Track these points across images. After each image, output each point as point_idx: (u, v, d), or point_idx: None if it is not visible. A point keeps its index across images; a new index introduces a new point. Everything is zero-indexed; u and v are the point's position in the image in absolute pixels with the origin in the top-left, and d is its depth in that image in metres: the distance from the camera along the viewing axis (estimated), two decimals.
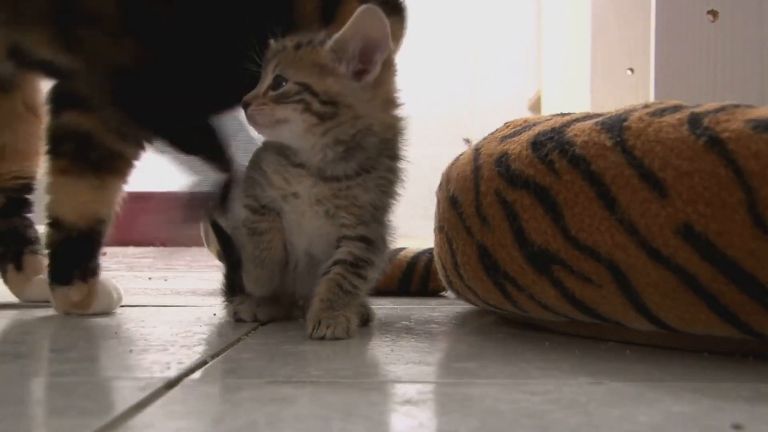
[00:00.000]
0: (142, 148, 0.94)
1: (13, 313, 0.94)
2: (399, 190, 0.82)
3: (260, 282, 0.82)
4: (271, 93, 0.77)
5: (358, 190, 0.78)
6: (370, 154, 0.78)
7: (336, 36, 0.77)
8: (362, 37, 0.76)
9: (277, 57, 0.78)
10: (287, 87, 0.77)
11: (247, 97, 0.77)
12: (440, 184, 0.93)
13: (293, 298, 0.86)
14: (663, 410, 0.50)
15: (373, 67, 0.77)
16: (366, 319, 0.84)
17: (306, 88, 0.76)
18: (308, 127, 0.76)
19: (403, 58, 0.87)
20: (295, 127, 0.77)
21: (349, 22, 0.76)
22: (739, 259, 0.62)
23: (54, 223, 0.92)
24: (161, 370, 0.60)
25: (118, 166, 0.94)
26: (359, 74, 0.77)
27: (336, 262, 0.79)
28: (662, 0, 1.36)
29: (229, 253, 0.91)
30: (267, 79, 0.78)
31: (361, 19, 0.75)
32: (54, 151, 0.93)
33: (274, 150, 0.80)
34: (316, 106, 0.76)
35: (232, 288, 0.89)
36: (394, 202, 0.82)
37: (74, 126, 0.91)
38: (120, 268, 1.66)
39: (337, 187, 0.78)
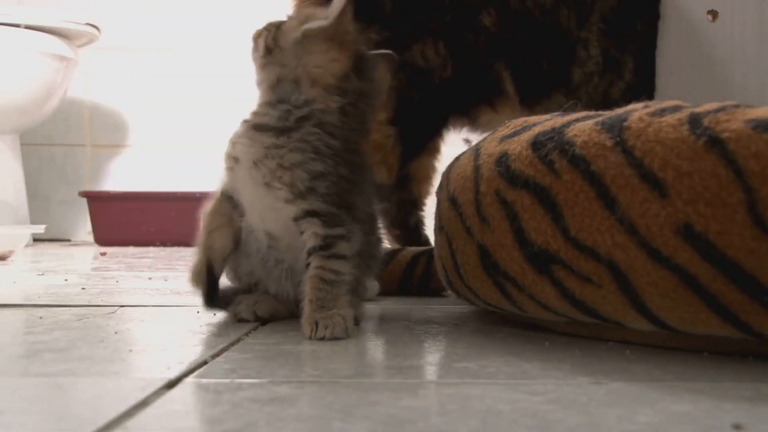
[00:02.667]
0: None
1: (12, 313, 0.94)
2: (335, 166, 0.80)
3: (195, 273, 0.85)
4: None
5: (284, 150, 0.79)
6: (294, 112, 0.81)
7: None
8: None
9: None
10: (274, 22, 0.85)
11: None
12: (440, 184, 0.93)
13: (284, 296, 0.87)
14: (663, 410, 0.50)
15: None
16: (357, 320, 0.84)
17: (277, 26, 0.84)
18: (259, 62, 0.84)
19: None
20: (258, 62, 0.84)
21: None
22: (739, 259, 0.62)
23: None
24: (161, 370, 0.60)
25: None
26: None
27: (309, 253, 0.79)
28: (663, 0, 1.36)
29: None
30: None
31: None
32: None
33: None
34: (269, 39, 0.83)
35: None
36: (335, 176, 0.80)
37: None
38: (120, 268, 1.66)
39: (266, 142, 0.80)
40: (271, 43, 0.83)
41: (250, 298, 0.87)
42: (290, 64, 0.82)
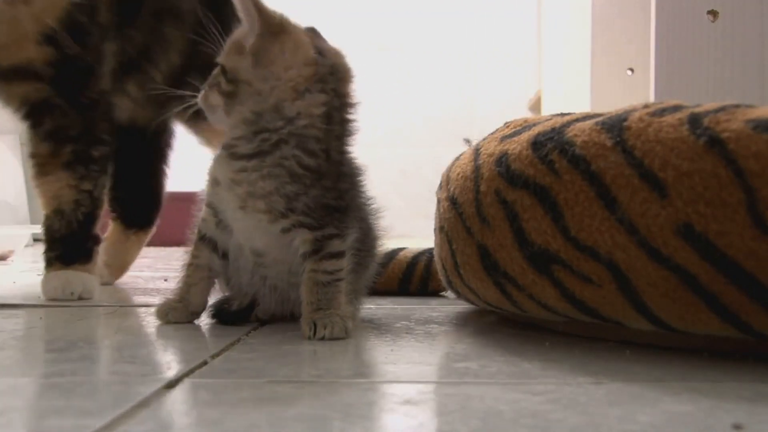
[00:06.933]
0: None
1: (12, 312, 0.94)
2: (315, 182, 0.76)
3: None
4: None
5: (254, 176, 0.76)
6: (273, 137, 0.76)
7: None
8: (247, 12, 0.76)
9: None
10: (215, 70, 0.78)
11: None
12: (440, 184, 0.93)
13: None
14: (663, 410, 0.50)
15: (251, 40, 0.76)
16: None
17: (221, 67, 0.78)
18: (224, 109, 0.77)
19: (403, 59, 0.87)
20: (221, 112, 0.78)
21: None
22: (739, 259, 0.62)
23: None
24: (161, 370, 0.60)
25: None
26: None
27: (304, 258, 0.78)
28: (662, 0, 1.36)
29: None
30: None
31: None
32: None
33: None
34: (223, 85, 0.77)
35: None
36: (318, 189, 0.77)
37: None
38: None
39: (241, 167, 0.77)
40: (228, 88, 0.77)
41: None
42: (264, 89, 0.76)
